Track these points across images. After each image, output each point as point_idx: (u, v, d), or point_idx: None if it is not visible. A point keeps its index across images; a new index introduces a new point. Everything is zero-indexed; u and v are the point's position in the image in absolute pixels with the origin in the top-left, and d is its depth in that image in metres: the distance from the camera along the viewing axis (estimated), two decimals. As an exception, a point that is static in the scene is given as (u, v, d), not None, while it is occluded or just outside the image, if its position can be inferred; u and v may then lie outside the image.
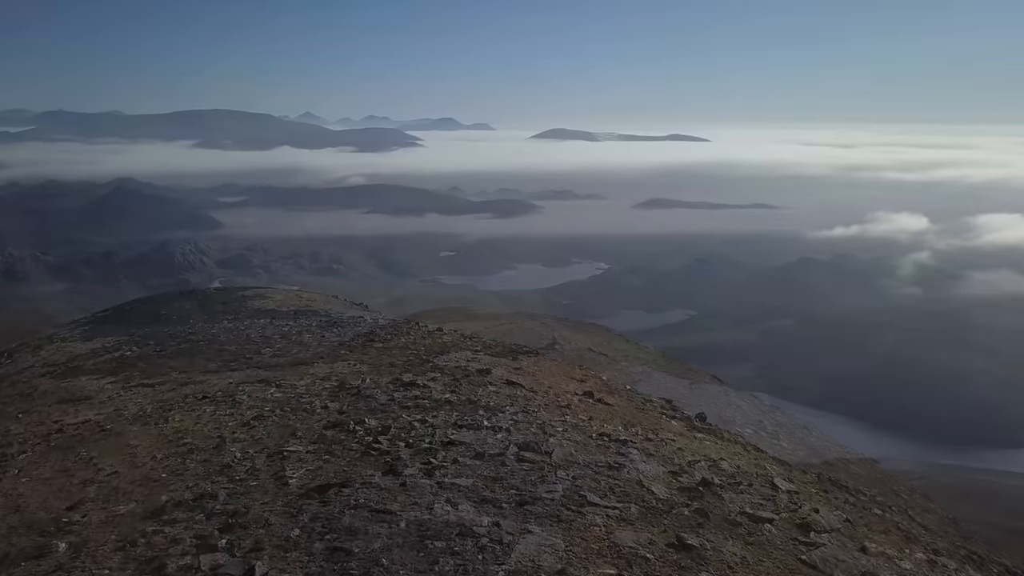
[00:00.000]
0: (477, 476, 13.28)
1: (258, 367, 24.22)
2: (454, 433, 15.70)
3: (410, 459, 13.76)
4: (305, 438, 14.86)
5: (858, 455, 43.35)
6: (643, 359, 43.36)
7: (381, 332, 30.07)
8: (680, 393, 36.53)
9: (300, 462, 13.28)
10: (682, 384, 38.61)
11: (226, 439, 15.23)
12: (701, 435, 21.80)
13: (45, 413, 19.59)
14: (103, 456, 15.15)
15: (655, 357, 45.32)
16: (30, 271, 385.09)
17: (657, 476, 14.60)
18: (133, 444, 15.86)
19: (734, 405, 39.28)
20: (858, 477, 36.14)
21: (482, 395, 20.10)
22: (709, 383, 42.81)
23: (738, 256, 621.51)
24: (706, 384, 41.20)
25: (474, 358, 26.28)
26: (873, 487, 35.53)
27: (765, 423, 38.12)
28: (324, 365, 25.13)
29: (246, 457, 13.89)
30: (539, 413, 19.14)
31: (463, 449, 14.86)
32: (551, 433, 16.99)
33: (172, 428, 16.49)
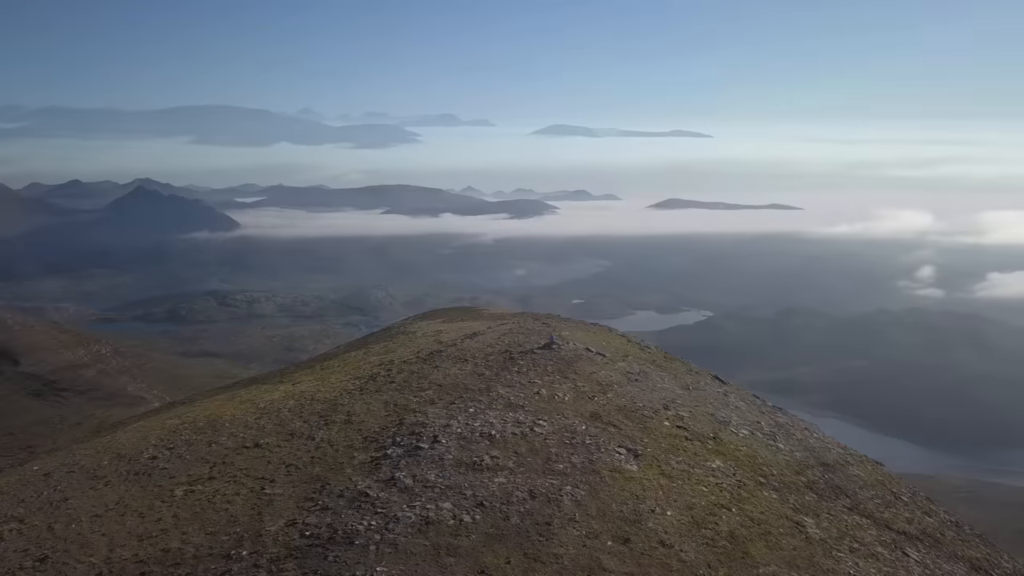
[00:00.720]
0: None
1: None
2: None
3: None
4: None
5: (860, 457, 34.82)
6: (643, 359, 36.65)
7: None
8: (676, 393, 30.37)
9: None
10: (679, 384, 31.81)
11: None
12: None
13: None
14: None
15: (656, 357, 38.54)
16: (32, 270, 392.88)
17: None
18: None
19: (732, 406, 32.33)
20: (856, 479, 28.88)
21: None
22: (710, 383, 35.38)
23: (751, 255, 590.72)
24: (705, 384, 33.89)
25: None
26: (870, 490, 28.08)
27: (763, 424, 31.17)
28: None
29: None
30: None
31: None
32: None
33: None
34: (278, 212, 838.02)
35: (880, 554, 22.02)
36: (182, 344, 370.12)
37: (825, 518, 23.25)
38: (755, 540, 19.06)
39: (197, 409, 35.52)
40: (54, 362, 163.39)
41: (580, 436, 23.23)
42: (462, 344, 36.62)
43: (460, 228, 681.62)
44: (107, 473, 22.92)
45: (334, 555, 15.77)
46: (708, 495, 21.06)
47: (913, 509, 30.41)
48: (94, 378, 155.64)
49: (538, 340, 35.53)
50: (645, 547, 17.20)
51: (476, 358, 32.84)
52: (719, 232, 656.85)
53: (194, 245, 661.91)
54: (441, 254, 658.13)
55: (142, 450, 25.35)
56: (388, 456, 21.12)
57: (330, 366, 42.50)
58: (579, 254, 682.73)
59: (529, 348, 33.96)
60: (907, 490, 33.72)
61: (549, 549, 16.49)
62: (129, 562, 16.24)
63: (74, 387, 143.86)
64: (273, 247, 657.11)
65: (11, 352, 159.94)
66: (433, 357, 34.34)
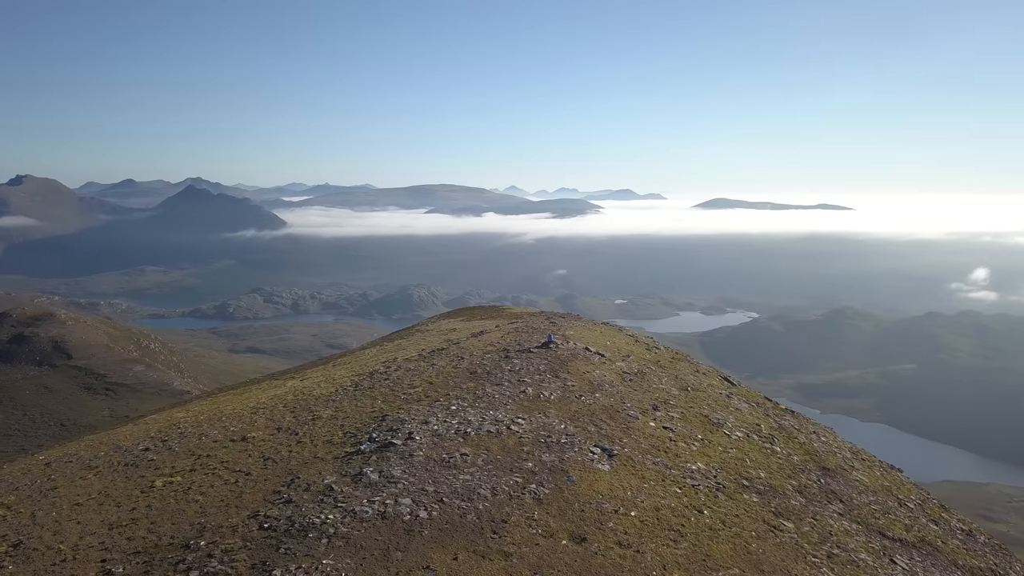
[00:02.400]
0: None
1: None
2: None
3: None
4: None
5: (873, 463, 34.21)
6: (646, 359, 36.23)
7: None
8: (671, 394, 30.43)
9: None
10: (678, 385, 31.57)
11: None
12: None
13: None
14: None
15: (662, 357, 37.95)
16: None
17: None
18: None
19: (732, 407, 31.99)
20: (857, 485, 28.48)
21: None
22: (716, 384, 34.94)
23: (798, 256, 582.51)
24: (708, 385, 33.45)
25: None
26: (870, 495, 27.56)
27: (762, 427, 30.75)
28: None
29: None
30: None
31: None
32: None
33: None
34: (324, 211, 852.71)
35: (862, 560, 21.52)
36: (229, 340, 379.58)
37: (808, 523, 22.81)
38: (721, 543, 18.82)
39: (207, 403, 36.43)
40: (105, 356, 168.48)
41: (557, 435, 23.20)
42: (465, 343, 36.85)
43: (503, 227, 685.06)
44: (100, 464, 23.69)
45: (286, 547, 16.08)
46: (681, 497, 20.85)
47: (917, 516, 29.63)
48: (142, 372, 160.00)
49: (540, 339, 35.53)
50: (600, 547, 17.13)
51: (473, 356, 33.01)
52: (765, 232, 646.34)
53: (242, 243, 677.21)
54: (483, 253, 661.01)
55: (139, 442, 26.14)
56: (361, 452, 21.42)
57: (342, 362, 43.15)
58: (623, 254, 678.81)
59: (527, 347, 34.00)
60: (916, 497, 32.89)
61: (500, 547, 16.55)
62: (94, 549, 16.79)
63: (123, 381, 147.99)
64: (318, 245, 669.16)
65: (64, 347, 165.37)
66: (433, 355, 34.63)
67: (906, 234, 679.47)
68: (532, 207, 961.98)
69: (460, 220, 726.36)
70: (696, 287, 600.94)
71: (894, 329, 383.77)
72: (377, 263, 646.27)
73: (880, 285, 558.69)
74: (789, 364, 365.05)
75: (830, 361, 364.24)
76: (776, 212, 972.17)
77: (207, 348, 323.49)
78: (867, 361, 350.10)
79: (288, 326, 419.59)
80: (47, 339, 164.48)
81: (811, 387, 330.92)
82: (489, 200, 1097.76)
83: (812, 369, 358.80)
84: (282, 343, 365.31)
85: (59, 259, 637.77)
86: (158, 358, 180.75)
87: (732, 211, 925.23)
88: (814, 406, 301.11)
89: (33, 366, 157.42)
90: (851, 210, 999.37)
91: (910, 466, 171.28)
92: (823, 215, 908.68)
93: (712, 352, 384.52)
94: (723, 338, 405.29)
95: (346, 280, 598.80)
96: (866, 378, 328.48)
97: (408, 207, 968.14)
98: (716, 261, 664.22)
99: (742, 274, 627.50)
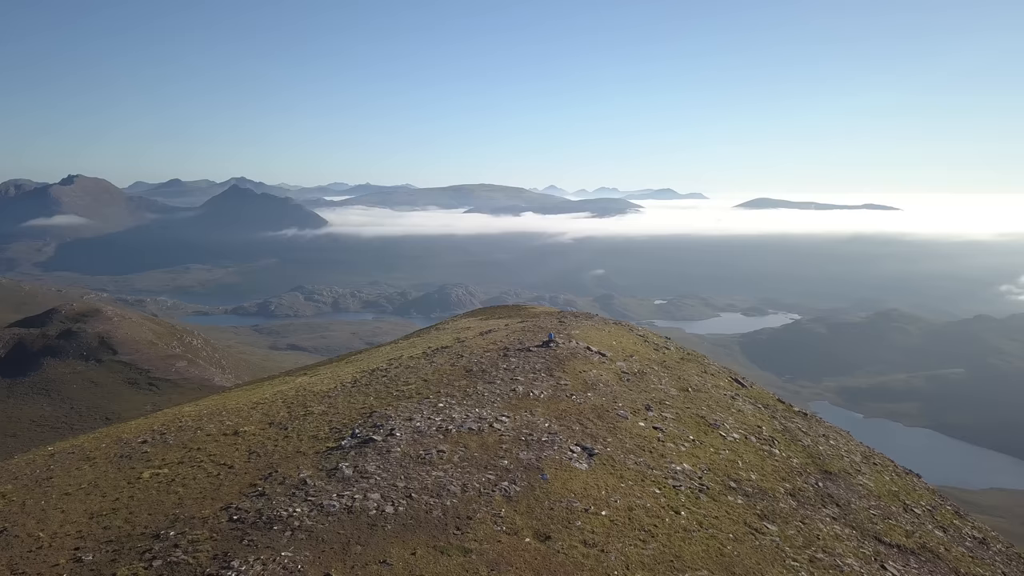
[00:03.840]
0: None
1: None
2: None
3: None
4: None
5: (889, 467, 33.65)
6: (651, 359, 36.00)
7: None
8: (669, 395, 30.27)
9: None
10: (678, 385, 31.30)
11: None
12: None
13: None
14: None
15: (669, 357, 37.83)
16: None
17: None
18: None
19: (735, 409, 31.63)
20: (859, 489, 28.10)
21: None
22: (723, 385, 34.53)
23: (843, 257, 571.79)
24: (713, 386, 33.08)
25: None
26: (871, 500, 27.08)
27: (764, 429, 30.40)
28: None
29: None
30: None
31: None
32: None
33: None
34: (365, 210, 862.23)
35: (847, 565, 21.09)
36: (271, 337, 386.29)
37: (795, 526, 22.43)
38: (694, 544, 18.64)
39: (218, 398, 37.23)
40: (149, 352, 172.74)
41: (539, 434, 23.20)
42: (470, 341, 37.03)
43: (541, 227, 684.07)
44: (98, 455, 24.37)
45: (250, 539, 16.40)
46: (658, 497, 20.68)
47: (922, 522, 28.96)
48: (185, 368, 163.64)
49: (543, 338, 35.51)
50: (564, 546, 17.11)
51: (473, 355, 33.17)
52: (809, 232, 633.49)
53: (284, 242, 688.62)
54: (521, 252, 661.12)
55: (140, 435, 26.82)
56: (341, 447, 21.71)
57: (354, 359, 43.68)
58: (663, 254, 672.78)
59: (527, 346, 34.02)
60: (927, 503, 32.15)
61: (461, 543, 16.63)
62: (71, 537, 17.33)
63: (166, 377, 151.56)
64: (359, 244, 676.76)
65: (110, 342, 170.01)
66: (436, 353, 34.88)
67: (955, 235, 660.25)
68: (571, 206, 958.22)
69: (499, 220, 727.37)
70: (737, 288, 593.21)
71: (942, 332, 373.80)
72: (416, 262, 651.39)
73: (927, 287, 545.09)
74: (832, 367, 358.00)
75: (874, 364, 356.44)
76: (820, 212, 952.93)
77: (249, 345, 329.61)
78: (913, 365, 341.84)
79: (328, 324, 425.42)
80: (94, 335, 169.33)
81: (854, 391, 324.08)
82: (528, 200, 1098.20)
83: (856, 372, 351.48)
84: (322, 340, 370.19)
85: (108, 257, 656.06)
86: (200, 354, 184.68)
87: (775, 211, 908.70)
88: (857, 410, 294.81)
89: (80, 361, 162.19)
90: (898, 210, 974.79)
91: (956, 473, 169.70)
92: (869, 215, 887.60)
93: (752, 354, 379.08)
94: (764, 340, 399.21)
95: (385, 279, 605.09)
96: (912, 382, 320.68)
97: (448, 207, 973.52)
98: (758, 262, 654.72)
99: (784, 275, 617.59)
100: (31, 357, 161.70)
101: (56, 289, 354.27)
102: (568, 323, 42.59)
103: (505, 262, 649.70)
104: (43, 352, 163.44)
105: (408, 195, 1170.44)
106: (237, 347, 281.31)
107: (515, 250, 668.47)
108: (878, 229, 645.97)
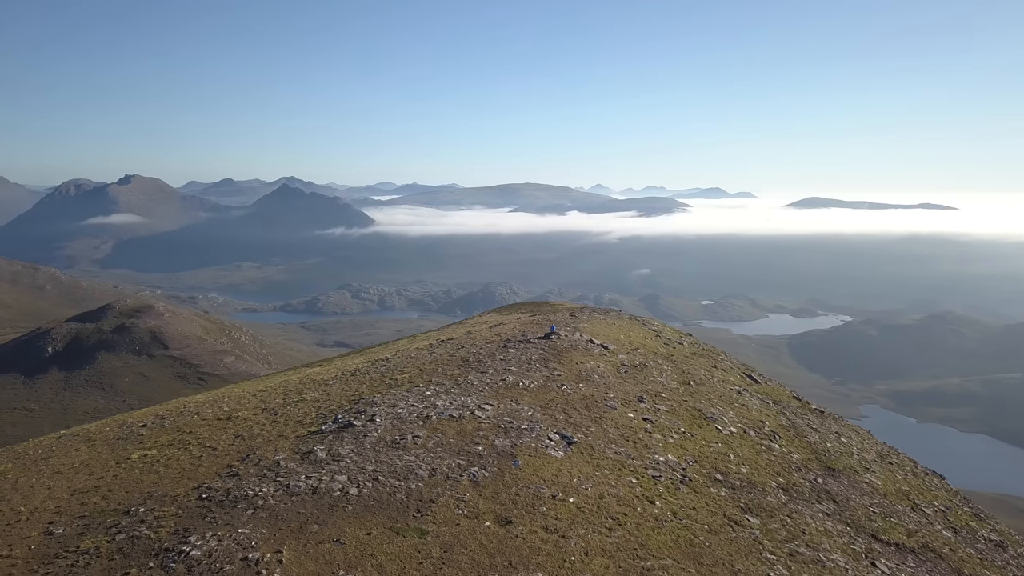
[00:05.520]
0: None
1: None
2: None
3: None
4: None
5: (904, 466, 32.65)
6: (658, 353, 35.61)
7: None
8: (668, 388, 30.01)
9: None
10: (680, 379, 30.77)
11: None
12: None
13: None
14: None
15: (678, 352, 37.27)
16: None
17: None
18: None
19: (739, 404, 31.05)
20: (862, 487, 27.37)
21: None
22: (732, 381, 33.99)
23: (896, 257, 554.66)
24: (719, 382, 32.53)
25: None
26: (874, 498, 26.47)
27: (767, 424, 29.86)
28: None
29: None
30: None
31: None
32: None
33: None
34: (411, 209, 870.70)
35: (831, 561, 20.51)
36: (317, 334, 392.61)
37: (780, 520, 21.90)
38: (663, 534, 18.33)
39: (228, 387, 38.03)
40: (198, 348, 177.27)
41: (520, 421, 23.10)
42: (477, 333, 37.09)
43: (587, 226, 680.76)
44: (98, 438, 25.12)
45: (212, 516, 16.70)
46: (634, 487, 20.40)
47: (930, 523, 28.02)
48: (232, 363, 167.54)
49: (541, 330, 35.36)
50: (523, 531, 17.02)
51: (474, 346, 33.23)
52: (862, 232, 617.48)
53: (332, 241, 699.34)
54: (566, 252, 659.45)
55: (143, 419, 27.58)
56: (321, 431, 21.97)
57: (369, 352, 44.14)
58: (710, 254, 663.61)
59: (529, 338, 33.93)
60: (941, 504, 31.12)
61: (418, 525, 16.67)
62: (48, 512, 17.89)
63: (214, 371, 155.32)
64: (405, 243, 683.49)
65: (161, 337, 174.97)
66: (440, 345, 35.05)
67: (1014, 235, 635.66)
68: (617, 205, 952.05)
69: (543, 219, 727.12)
70: (786, 289, 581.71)
71: (999, 335, 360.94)
72: (461, 261, 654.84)
73: (984, 288, 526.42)
74: (883, 370, 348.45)
75: (928, 368, 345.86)
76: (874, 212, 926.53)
77: (296, 342, 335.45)
78: (968, 368, 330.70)
79: (374, 321, 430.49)
80: (146, 330, 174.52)
81: (907, 394, 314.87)
82: (573, 199, 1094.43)
83: (908, 376, 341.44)
84: (367, 338, 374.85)
85: (162, 254, 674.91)
86: (248, 350, 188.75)
87: (827, 210, 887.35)
88: (910, 414, 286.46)
89: (133, 355, 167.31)
90: (956, 210, 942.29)
91: (1012, 479, 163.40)
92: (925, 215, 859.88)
93: (800, 356, 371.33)
94: (813, 341, 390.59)
95: (431, 277, 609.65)
96: (967, 386, 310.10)
97: (493, 206, 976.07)
98: (808, 262, 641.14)
99: (835, 276, 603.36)
100: (87, 351, 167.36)
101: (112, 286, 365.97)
102: (579, 317, 42.32)
103: (549, 261, 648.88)
104: (98, 346, 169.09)
105: (454, 195, 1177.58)
106: (284, 343, 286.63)
107: (559, 249, 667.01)
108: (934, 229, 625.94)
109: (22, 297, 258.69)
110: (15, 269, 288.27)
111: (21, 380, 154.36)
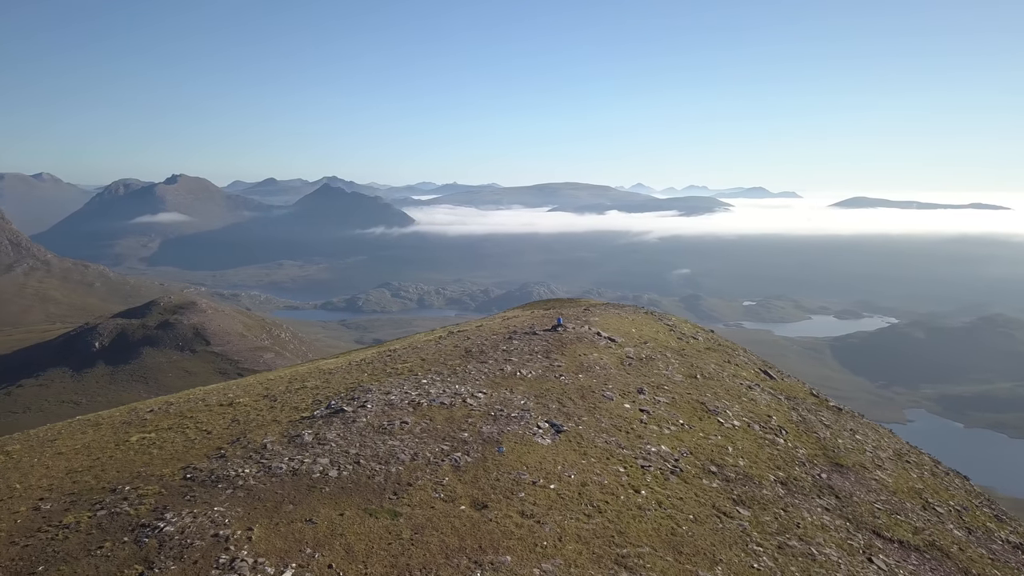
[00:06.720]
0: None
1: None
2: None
3: None
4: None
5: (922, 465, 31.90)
6: (668, 347, 35.22)
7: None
8: (672, 380, 29.67)
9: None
10: (686, 373, 30.44)
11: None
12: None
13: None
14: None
15: (691, 347, 36.75)
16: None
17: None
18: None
19: (748, 398, 30.41)
20: (869, 484, 26.84)
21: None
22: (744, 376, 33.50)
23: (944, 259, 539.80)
24: (730, 376, 32.10)
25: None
26: (881, 495, 25.99)
27: (774, 419, 29.18)
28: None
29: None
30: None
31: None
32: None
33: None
34: (451, 209, 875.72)
35: (824, 555, 20.05)
36: (357, 332, 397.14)
37: (773, 513, 21.49)
38: (644, 522, 18.13)
39: (244, 378, 38.70)
40: (239, 344, 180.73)
41: (511, 410, 23.07)
42: (487, 326, 37.17)
43: (626, 225, 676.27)
44: (105, 422, 25.79)
45: (192, 495, 17.03)
46: (620, 476, 20.22)
47: (941, 522, 27.23)
48: (272, 360, 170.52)
49: (547, 323, 35.28)
50: (498, 515, 16.99)
51: (480, 338, 33.31)
52: (909, 232, 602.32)
53: (372, 240, 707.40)
54: (605, 251, 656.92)
55: (154, 406, 28.24)
56: (312, 417, 22.25)
57: (386, 344, 44.53)
58: (752, 254, 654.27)
59: (534, 330, 33.88)
60: (957, 503, 30.23)
61: (393, 507, 16.76)
62: (41, 490, 18.43)
63: (254, 368, 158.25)
64: (444, 243, 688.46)
65: (204, 334, 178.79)
66: (448, 336, 35.22)
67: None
68: (657, 205, 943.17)
69: (583, 218, 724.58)
70: (830, 290, 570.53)
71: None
72: (500, 260, 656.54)
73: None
74: (931, 373, 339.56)
75: (977, 372, 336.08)
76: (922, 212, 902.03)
77: (335, 339, 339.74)
78: (1019, 373, 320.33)
79: (412, 320, 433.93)
80: (189, 326, 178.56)
81: (955, 398, 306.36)
82: (613, 198, 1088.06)
83: (957, 380, 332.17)
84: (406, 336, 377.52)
85: (207, 253, 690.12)
86: (287, 347, 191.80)
87: (873, 210, 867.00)
88: (958, 419, 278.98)
89: (176, 351, 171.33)
90: (1008, 210, 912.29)
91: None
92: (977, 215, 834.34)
93: (844, 358, 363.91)
94: (856, 344, 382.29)
95: (470, 276, 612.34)
96: (1018, 391, 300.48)
97: (532, 205, 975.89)
98: (853, 263, 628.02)
99: (881, 277, 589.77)
100: (132, 346, 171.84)
101: (158, 283, 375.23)
102: (592, 311, 42.12)
103: (588, 260, 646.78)
104: (143, 341, 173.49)
105: (493, 194, 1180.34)
106: (324, 340, 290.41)
107: (598, 248, 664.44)
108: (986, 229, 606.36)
109: (72, 293, 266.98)
110: (66, 266, 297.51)
111: (70, 374, 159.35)
